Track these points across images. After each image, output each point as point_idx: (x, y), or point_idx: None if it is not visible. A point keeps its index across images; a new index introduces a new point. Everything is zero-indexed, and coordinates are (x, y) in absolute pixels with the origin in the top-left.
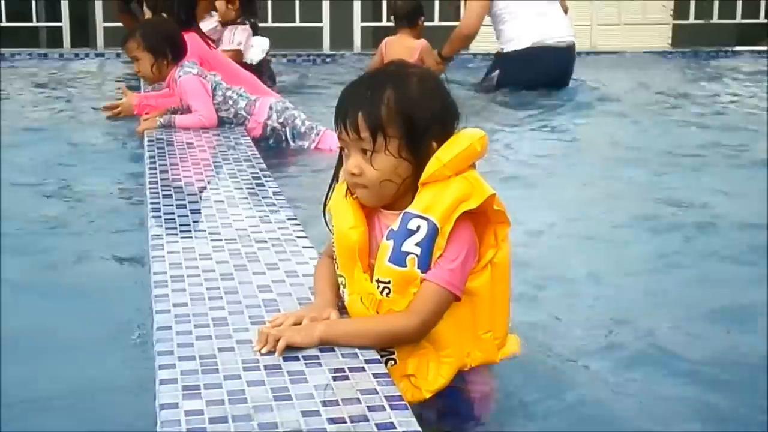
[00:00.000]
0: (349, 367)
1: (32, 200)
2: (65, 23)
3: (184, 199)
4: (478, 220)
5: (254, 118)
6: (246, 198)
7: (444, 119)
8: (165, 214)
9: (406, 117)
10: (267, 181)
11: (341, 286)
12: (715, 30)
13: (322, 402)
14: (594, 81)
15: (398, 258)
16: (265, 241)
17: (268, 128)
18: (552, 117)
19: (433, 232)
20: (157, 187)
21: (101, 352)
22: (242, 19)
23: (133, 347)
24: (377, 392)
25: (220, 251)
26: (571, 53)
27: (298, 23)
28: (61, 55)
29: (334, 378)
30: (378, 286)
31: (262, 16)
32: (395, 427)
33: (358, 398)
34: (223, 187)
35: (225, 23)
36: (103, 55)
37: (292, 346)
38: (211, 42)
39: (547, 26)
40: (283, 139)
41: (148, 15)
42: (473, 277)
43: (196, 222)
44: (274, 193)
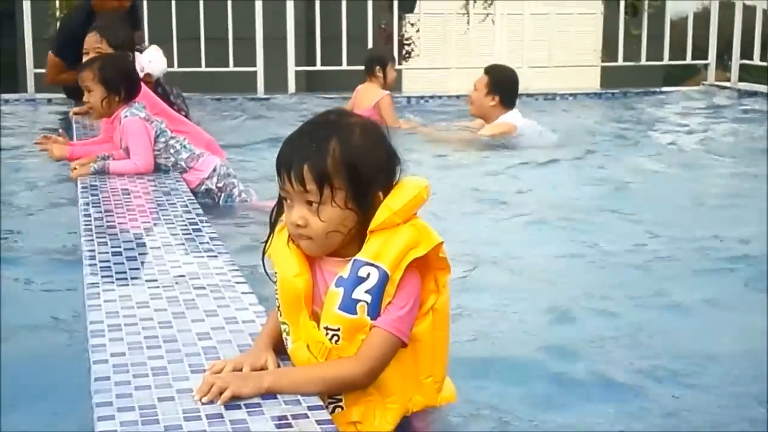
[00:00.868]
0: (292, 415)
1: None
2: None
3: (119, 246)
4: (420, 267)
5: (194, 172)
6: (183, 244)
7: (388, 168)
8: (100, 261)
9: (351, 168)
10: (204, 226)
11: (284, 333)
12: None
13: None
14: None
15: (348, 305)
16: (204, 288)
17: (203, 186)
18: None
19: (384, 280)
20: (92, 234)
21: (38, 404)
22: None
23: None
24: None
25: (158, 299)
26: None
27: (231, 68)
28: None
29: (278, 426)
30: (327, 334)
31: (195, 60)
32: None
33: None
34: (159, 233)
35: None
36: (33, 100)
37: (237, 398)
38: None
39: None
40: (216, 201)
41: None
42: (416, 323)
43: (133, 269)
44: (211, 239)
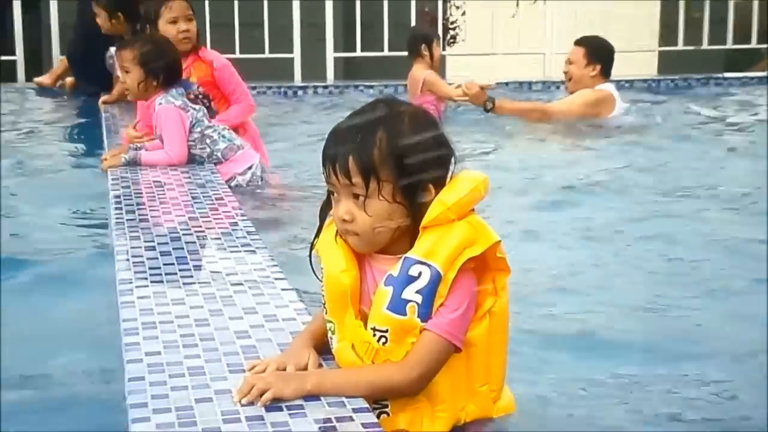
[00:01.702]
0: (336, 417)
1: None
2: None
3: (153, 241)
4: (477, 267)
5: (228, 164)
6: (219, 238)
7: (439, 160)
8: (133, 257)
9: (399, 159)
10: (241, 220)
11: (329, 332)
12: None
13: None
14: None
15: (397, 306)
16: (242, 284)
17: (234, 181)
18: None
19: (436, 279)
20: (123, 229)
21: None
22: (132, 30)
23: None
24: None
25: (194, 295)
26: None
27: (267, 54)
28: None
29: (321, 429)
30: (374, 335)
31: (229, 47)
32: None
33: None
34: (194, 227)
35: (113, 38)
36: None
37: (279, 400)
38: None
39: None
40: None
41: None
42: (471, 326)
43: (167, 265)
44: (249, 233)
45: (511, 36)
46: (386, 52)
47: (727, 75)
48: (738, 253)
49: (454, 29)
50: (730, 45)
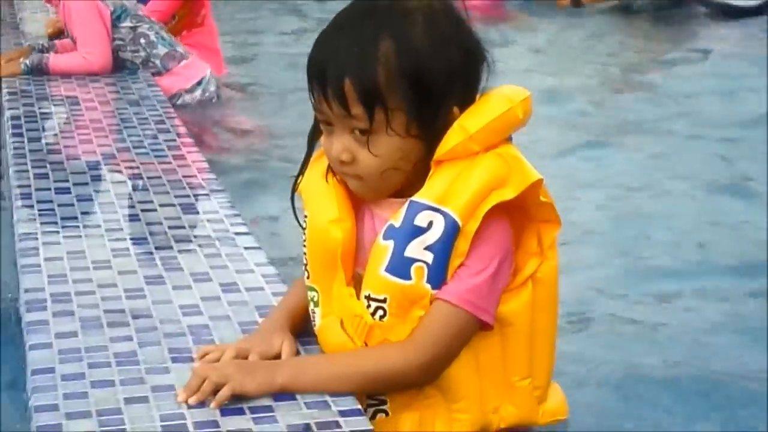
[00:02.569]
0: (317, 423)
1: None
2: None
3: (67, 180)
4: (515, 217)
5: (171, 77)
6: (159, 177)
7: (467, 73)
8: (39, 202)
9: (414, 79)
10: (189, 152)
11: (311, 304)
12: None
13: None
14: None
15: (399, 266)
16: (190, 240)
17: (179, 99)
18: None
19: (452, 232)
20: (26, 164)
21: None
22: None
23: None
24: None
25: (124, 255)
26: None
27: None
28: None
29: None
30: (368, 305)
31: None
32: None
33: None
34: (124, 162)
35: None
36: None
37: (239, 396)
38: None
39: None
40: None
41: None
42: (506, 297)
43: (86, 214)
44: (200, 171)
45: None
46: None
47: None
48: None
49: None
50: None
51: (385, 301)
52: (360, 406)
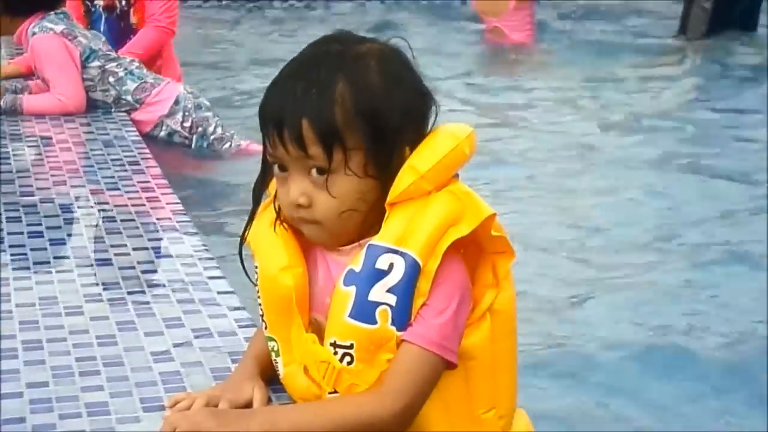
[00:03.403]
0: None
1: None
2: None
3: (39, 224)
4: (469, 251)
5: (148, 108)
6: (132, 220)
7: (418, 113)
8: (11, 246)
9: (369, 117)
10: (163, 194)
11: (272, 354)
12: None
13: None
14: None
15: (364, 311)
16: (163, 285)
17: (163, 128)
18: None
19: (414, 272)
20: None
21: None
22: None
23: None
24: None
25: (96, 301)
26: None
27: None
28: None
29: None
30: (335, 352)
31: None
32: None
33: None
34: (98, 204)
35: None
36: None
37: None
38: None
39: None
40: (187, 144)
41: None
42: (467, 332)
43: (59, 258)
44: (174, 212)
45: None
46: None
47: None
48: None
49: None
50: None
51: (351, 347)
52: None
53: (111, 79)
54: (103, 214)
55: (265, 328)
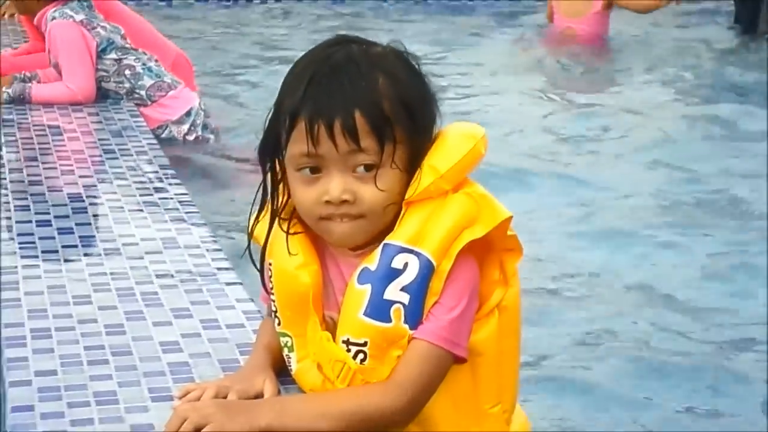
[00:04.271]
0: None
1: None
2: None
3: (48, 213)
4: (477, 248)
5: (158, 108)
6: (141, 210)
7: (437, 111)
8: (20, 235)
9: (410, 109)
10: (171, 183)
11: (285, 349)
12: None
13: None
14: None
15: (379, 309)
16: (171, 275)
17: (165, 131)
18: None
19: (427, 272)
20: (7, 195)
21: None
22: None
23: None
24: None
25: (104, 290)
26: None
27: None
28: None
29: None
30: (348, 350)
31: None
32: None
33: None
34: (106, 194)
35: None
36: None
37: None
38: None
39: None
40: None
41: None
42: (475, 327)
43: (67, 247)
44: (182, 204)
45: None
46: None
47: None
48: None
49: None
50: None
51: (365, 344)
52: None
53: (127, 72)
54: (111, 203)
55: (278, 323)
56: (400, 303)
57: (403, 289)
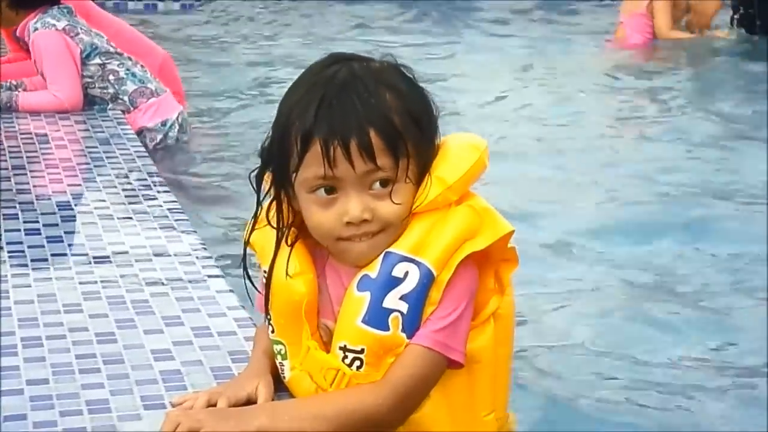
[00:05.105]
0: None
1: None
2: None
3: (37, 221)
4: (475, 258)
5: (138, 115)
6: (130, 218)
7: (437, 123)
8: (9, 243)
9: (417, 121)
10: (160, 192)
11: (278, 357)
12: None
13: None
14: None
15: (377, 317)
16: (162, 283)
17: (140, 135)
18: None
19: (427, 282)
20: None
21: None
22: None
23: None
24: None
25: (95, 299)
26: None
27: None
28: None
29: None
30: (345, 357)
31: None
32: None
33: None
34: (95, 201)
35: None
36: None
37: None
38: None
39: None
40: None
41: None
42: (472, 335)
43: (57, 256)
44: (172, 211)
45: None
46: None
47: None
48: None
49: None
50: None
51: (362, 351)
52: None
53: (111, 78)
54: (100, 211)
55: (272, 331)
56: (399, 311)
57: (402, 298)
